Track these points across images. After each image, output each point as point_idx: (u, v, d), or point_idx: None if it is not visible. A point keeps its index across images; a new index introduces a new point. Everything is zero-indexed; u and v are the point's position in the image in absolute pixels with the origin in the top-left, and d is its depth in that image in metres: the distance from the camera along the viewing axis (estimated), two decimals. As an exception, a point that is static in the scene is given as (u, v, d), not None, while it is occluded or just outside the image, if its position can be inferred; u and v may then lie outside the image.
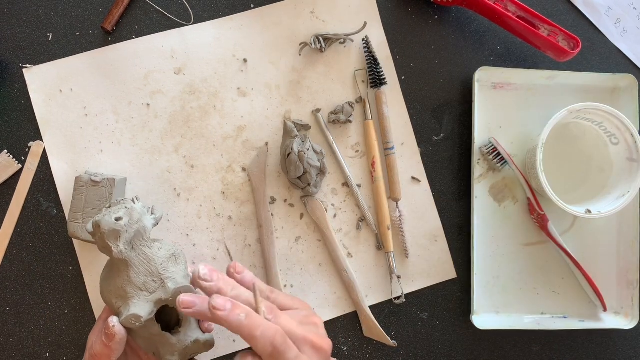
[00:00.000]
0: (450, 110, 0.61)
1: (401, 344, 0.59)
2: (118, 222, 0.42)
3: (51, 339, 0.56)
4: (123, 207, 0.44)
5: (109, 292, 0.44)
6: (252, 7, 0.59)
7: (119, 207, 0.44)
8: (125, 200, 0.45)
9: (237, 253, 0.58)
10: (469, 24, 0.62)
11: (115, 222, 0.42)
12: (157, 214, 0.46)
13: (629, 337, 0.62)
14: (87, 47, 0.58)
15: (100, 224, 0.42)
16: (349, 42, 0.60)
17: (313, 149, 0.56)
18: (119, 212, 0.43)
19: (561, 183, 0.57)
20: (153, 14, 0.59)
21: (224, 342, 0.57)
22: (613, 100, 0.61)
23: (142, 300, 0.43)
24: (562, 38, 0.58)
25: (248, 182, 0.58)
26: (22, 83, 0.57)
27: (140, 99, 0.58)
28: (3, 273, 0.56)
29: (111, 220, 0.42)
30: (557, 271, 0.61)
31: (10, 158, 0.57)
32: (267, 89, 0.59)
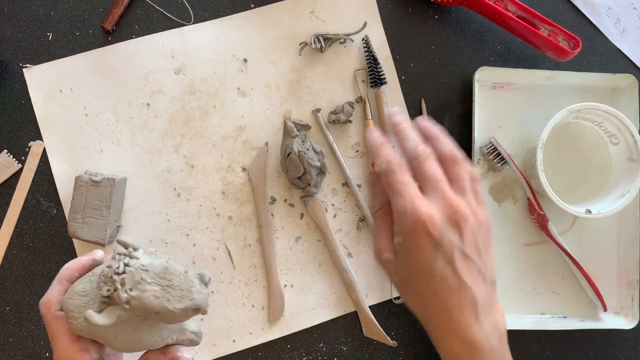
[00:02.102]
0: (450, 110, 0.61)
1: (401, 344, 0.59)
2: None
3: (51, 338, 0.56)
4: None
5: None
6: (252, 7, 0.59)
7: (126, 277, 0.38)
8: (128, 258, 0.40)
9: (237, 253, 0.58)
10: (469, 24, 0.62)
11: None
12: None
13: (629, 337, 0.62)
14: (87, 47, 0.58)
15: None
16: (349, 42, 0.60)
17: (313, 149, 0.56)
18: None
19: (561, 183, 0.57)
20: (153, 13, 0.59)
21: (224, 342, 0.57)
22: (613, 100, 0.61)
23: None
24: (562, 38, 0.58)
25: (248, 182, 0.58)
26: (22, 83, 0.57)
27: (140, 98, 0.58)
28: (3, 273, 0.56)
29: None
30: (557, 271, 0.61)
31: (10, 158, 0.57)
32: (267, 89, 0.59)
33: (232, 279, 0.58)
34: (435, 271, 0.41)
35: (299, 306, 0.58)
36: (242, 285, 0.58)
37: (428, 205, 0.41)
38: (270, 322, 0.58)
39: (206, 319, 0.57)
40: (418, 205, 0.41)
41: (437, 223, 0.41)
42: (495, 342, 0.42)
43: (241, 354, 0.58)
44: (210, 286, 0.57)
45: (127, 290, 0.37)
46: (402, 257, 0.43)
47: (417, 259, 0.41)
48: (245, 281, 0.58)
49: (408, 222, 0.41)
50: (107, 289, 0.37)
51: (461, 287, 0.42)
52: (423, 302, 0.43)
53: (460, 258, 0.42)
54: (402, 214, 0.41)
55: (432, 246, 0.41)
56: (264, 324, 0.58)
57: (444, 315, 0.42)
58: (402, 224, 0.42)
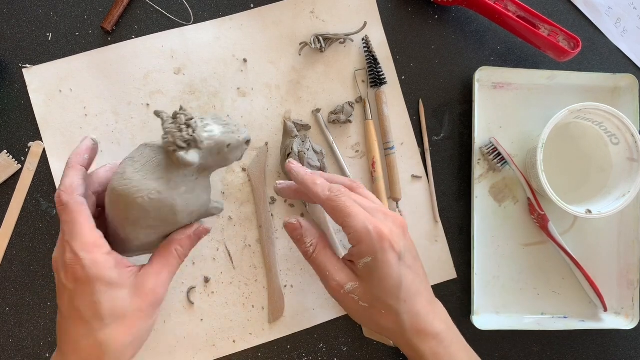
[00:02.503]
0: (450, 110, 0.61)
1: (401, 344, 0.59)
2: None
3: (51, 339, 0.56)
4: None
5: None
6: (252, 7, 0.59)
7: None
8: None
9: (237, 253, 0.58)
10: (469, 24, 0.62)
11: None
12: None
13: (629, 338, 0.62)
14: (86, 47, 0.58)
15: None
16: (349, 42, 0.60)
17: (313, 149, 0.56)
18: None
19: (561, 183, 0.57)
20: (153, 14, 0.59)
21: (224, 342, 0.57)
22: (613, 100, 0.61)
23: None
24: (563, 38, 0.58)
25: (248, 182, 0.58)
26: (21, 83, 0.57)
27: (140, 99, 0.58)
28: (3, 273, 0.56)
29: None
30: (557, 271, 0.61)
31: (10, 158, 0.56)
32: (267, 89, 0.59)
33: (232, 279, 0.58)
34: (402, 280, 0.44)
35: (299, 306, 0.58)
36: (242, 286, 0.58)
37: (383, 221, 0.44)
38: (270, 323, 0.58)
39: (206, 320, 0.57)
40: (377, 223, 0.44)
41: (397, 236, 0.44)
42: (450, 324, 0.48)
43: (241, 355, 0.58)
44: (210, 287, 0.57)
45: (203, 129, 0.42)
46: (369, 278, 0.44)
47: (388, 274, 0.44)
48: (245, 281, 0.58)
49: (373, 240, 0.43)
50: (187, 133, 0.41)
51: (421, 288, 0.46)
52: (396, 315, 0.45)
53: (413, 262, 0.46)
54: (364, 234, 0.43)
55: (397, 257, 0.44)
56: (264, 325, 0.58)
57: (414, 319, 0.45)
58: (367, 244, 0.43)
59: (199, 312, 0.57)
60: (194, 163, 0.41)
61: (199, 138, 0.41)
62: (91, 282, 0.41)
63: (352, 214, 0.44)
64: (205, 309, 0.57)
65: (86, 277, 0.41)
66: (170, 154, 0.41)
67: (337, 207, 0.44)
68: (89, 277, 0.41)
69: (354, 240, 0.44)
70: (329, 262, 0.46)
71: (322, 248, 0.47)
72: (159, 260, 0.45)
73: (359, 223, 0.43)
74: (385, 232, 0.43)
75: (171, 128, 0.41)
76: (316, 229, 0.48)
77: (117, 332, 0.42)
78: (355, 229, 0.43)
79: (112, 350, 0.42)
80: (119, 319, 0.42)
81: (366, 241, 0.43)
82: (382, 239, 0.43)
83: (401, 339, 0.46)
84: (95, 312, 0.41)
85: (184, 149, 0.41)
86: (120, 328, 0.42)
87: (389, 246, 0.43)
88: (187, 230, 0.46)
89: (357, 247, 0.44)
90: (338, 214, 0.44)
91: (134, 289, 0.43)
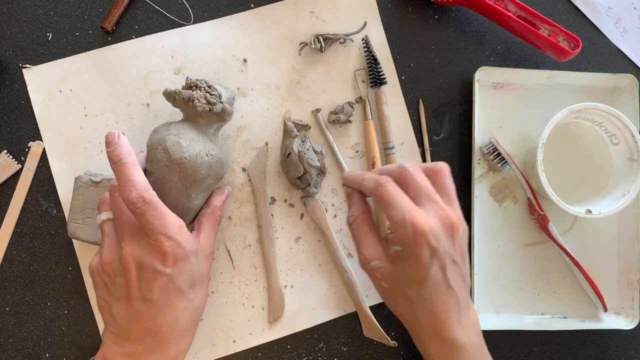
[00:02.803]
0: (450, 110, 0.61)
1: (401, 345, 0.59)
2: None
3: (51, 339, 0.56)
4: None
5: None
6: (251, 7, 0.59)
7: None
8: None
9: (237, 253, 0.58)
10: (469, 24, 0.62)
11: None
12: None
13: (629, 338, 0.62)
14: (86, 47, 0.58)
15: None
16: (349, 42, 0.60)
17: (313, 149, 0.56)
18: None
19: (561, 183, 0.57)
20: (153, 14, 0.59)
21: (224, 342, 0.57)
22: (613, 100, 0.61)
23: None
24: (563, 38, 0.58)
25: (248, 182, 0.58)
26: (21, 83, 0.57)
27: (140, 99, 0.58)
28: (3, 273, 0.56)
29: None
30: (557, 271, 0.61)
31: (9, 158, 0.56)
32: (267, 89, 0.59)
33: (232, 279, 0.58)
34: (428, 278, 0.44)
35: (299, 306, 0.58)
36: (242, 286, 0.58)
37: (426, 216, 0.44)
38: (270, 323, 0.58)
39: (206, 320, 0.57)
40: (416, 216, 0.43)
41: (437, 234, 0.43)
42: (474, 338, 0.46)
43: (241, 355, 0.58)
44: (210, 286, 0.57)
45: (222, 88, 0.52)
46: (396, 265, 0.45)
47: (414, 266, 0.44)
48: (245, 281, 0.58)
49: (407, 232, 0.43)
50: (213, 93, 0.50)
51: (449, 292, 0.45)
52: (413, 307, 0.45)
53: (451, 265, 0.45)
54: (400, 225, 0.44)
55: (430, 255, 0.44)
56: (264, 324, 0.58)
57: (432, 319, 0.45)
58: (401, 234, 0.44)
59: (199, 312, 0.57)
60: (232, 111, 0.51)
61: (221, 94, 0.50)
62: (189, 258, 0.46)
63: (393, 204, 0.45)
64: (205, 308, 0.57)
65: (185, 255, 0.45)
66: (203, 115, 0.50)
67: (381, 198, 0.46)
68: (187, 254, 0.45)
69: (393, 227, 0.45)
70: (364, 236, 0.48)
71: (361, 221, 0.49)
72: (208, 227, 0.51)
73: (397, 214, 0.44)
74: (423, 227, 0.43)
75: (198, 94, 0.49)
76: (363, 203, 0.51)
77: (201, 294, 0.49)
78: (393, 219, 0.44)
79: (200, 312, 0.49)
80: (202, 283, 0.49)
81: (401, 231, 0.44)
82: (417, 232, 0.43)
83: (414, 333, 0.47)
84: (191, 283, 0.47)
85: (216, 105, 0.49)
86: (203, 290, 0.49)
87: (424, 241, 0.43)
88: (222, 196, 0.54)
89: (393, 234, 0.45)
90: (383, 205, 0.46)
91: (202, 255, 0.49)
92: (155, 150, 0.49)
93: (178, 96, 0.50)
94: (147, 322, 0.45)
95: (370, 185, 0.47)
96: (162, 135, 0.49)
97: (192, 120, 0.51)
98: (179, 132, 0.49)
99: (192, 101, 0.49)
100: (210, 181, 0.51)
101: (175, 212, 0.48)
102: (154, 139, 0.50)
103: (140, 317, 0.45)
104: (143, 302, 0.45)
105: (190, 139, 0.49)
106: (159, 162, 0.49)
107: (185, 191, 0.49)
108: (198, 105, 0.49)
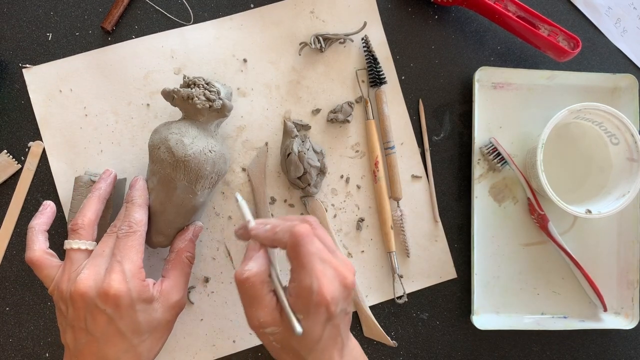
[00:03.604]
0: (450, 110, 0.61)
1: (401, 344, 0.59)
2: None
3: (51, 339, 0.56)
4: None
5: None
6: (251, 7, 0.59)
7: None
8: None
9: (237, 253, 0.58)
10: (469, 24, 0.62)
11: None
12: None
13: (629, 338, 0.62)
14: (86, 47, 0.58)
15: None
16: (349, 42, 0.60)
17: (313, 149, 0.56)
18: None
19: (561, 183, 0.57)
20: (153, 14, 0.59)
21: (224, 342, 0.57)
22: (613, 100, 0.61)
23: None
24: (562, 38, 0.58)
25: (248, 182, 0.58)
26: (21, 83, 0.57)
27: (140, 99, 0.58)
28: (3, 273, 0.56)
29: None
30: (557, 271, 0.61)
31: (9, 158, 0.56)
32: (267, 89, 0.59)
33: (232, 279, 0.58)
34: (322, 338, 0.43)
35: (299, 306, 0.58)
36: (242, 286, 0.58)
37: (330, 283, 0.41)
38: (270, 323, 0.58)
39: (206, 320, 0.57)
40: (323, 285, 0.41)
41: (337, 300, 0.42)
42: None
43: (241, 355, 0.58)
44: (209, 286, 0.57)
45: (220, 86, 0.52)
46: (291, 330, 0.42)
47: (309, 331, 0.42)
48: (245, 281, 0.58)
49: (312, 302, 0.41)
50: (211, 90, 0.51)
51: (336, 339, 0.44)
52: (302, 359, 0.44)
53: (342, 317, 0.44)
54: (307, 291, 0.41)
55: (327, 319, 0.42)
56: (264, 324, 0.58)
57: None
58: (303, 303, 0.41)
59: (199, 312, 0.57)
60: (232, 106, 0.52)
61: (219, 90, 0.51)
62: (133, 305, 0.45)
63: (307, 268, 0.41)
64: (205, 308, 0.57)
65: (129, 302, 0.44)
66: (204, 112, 0.50)
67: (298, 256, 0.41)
68: (132, 301, 0.44)
69: (294, 291, 0.42)
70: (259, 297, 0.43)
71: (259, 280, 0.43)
72: (174, 273, 0.49)
73: (307, 279, 0.41)
74: (327, 296, 0.41)
75: (197, 92, 0.50)
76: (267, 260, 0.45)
77: (152, 343, 0.47)
78: (301, 283, 0.41)
79: (149, 359, 0.47)
80: (154, 332, 0.47)
81: (305, 297, 0.41)
82: (320, 304, 0.41)
83: None
84: (135, 329, 0.45)
85: (216, 101, 0.50)
86: (155, 339, 0.47)
87: (324, 310, 0.41)
88: (186, 235, 0.51)
89: (295, 299, 0.42)
90: (295, 264, 0.42)
91: (163, 303, 0.47)
92: (158, 150, 0.49)
93: (177, 95, 0.50)
94: (91, 354, 0.45)
95: (285, 237, 0.42)
96: (164, 135, 0.49)
97: (192, 118, 0.51)
98: (180, 131, 0.49)
99: (192, 99, 0.49)
100: (214, 177, 0.51)
101: (180, 211, 0.50)
102: (156, 139, 0.50)
103: (85, 348, 0.45)
104: (87, 335, 0.45)
105: (193, 136, 0.49)
106: (163, 162, 0.49)
107: (191, 188, 0.49)
108: (198, 102, 0.49)
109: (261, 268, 0.44)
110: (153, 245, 0.52)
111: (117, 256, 0.46)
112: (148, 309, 0.46)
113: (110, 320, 0.44)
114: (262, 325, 0.43)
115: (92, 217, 0.48)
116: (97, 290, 0.44)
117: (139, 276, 0.46)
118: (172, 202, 0.49)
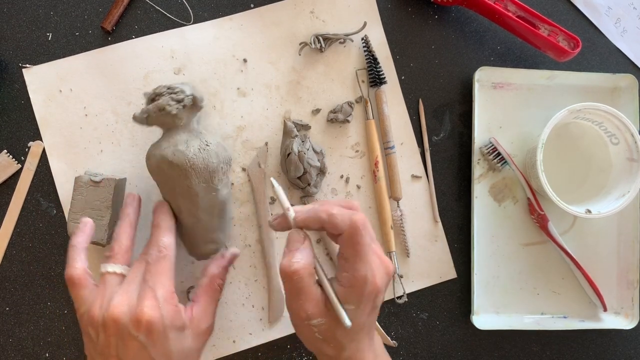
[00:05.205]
0: (450, 110, 0.61)
1: (401, 344, 0.59)
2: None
3: (51, 339, 0.56)
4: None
5: None
6: (251, 7, 0.59)
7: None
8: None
9: (237, 253, 0.58)
10: (469, 24, 0.62)
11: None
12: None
13: (629, 337, 0.62)
14: (86, 47, 0.58)
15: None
16: (349, 42, 0.60)
17: (313, 149, 0.56)
18: None
19: (561, 183, 0.57)
20: (153, 13, 0.59)
21: (224, 342, 0.57)
22: (613, 100, 0.61)
23: None
24: (562, 38, 0.58)
25: (248, 182, 0.58)
26: (21, 83, 0.57)
27: (140, 99, 0.58)
28: (3, 273, 0.56)
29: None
30: (557, 271, 0.61)
31: (9, 158, 0.56)
32: (267, 89, 0.59)
33: (232, 279, 0.58)
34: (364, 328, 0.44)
35: (299, 306, 0.58)
36: (242, 286, 0.58)
37: (382, 273, 0.43)
38: (270, 323, 0.58)
39: (206, 319, 0.57)
40: (376, 275, 0.42)
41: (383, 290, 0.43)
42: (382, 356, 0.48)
43: (241, 355, 0.58)
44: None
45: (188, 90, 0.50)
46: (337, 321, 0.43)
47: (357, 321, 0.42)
48: (245, 281, 0.58)
49: (367, 291, 0.42)
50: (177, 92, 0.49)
51: (371, 328, 0.46)
52: (341, 349, 0.44)
53: (378, 308, 0.45)
54: (362, 282, 0.41)
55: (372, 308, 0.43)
56: (264, 325, 0.58)
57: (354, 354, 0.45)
58: (358, 292, 0.42)
59: (199, 312, 0.57)
60: (203, 96, 0.51)
61: (183, 89, 0.49)
62: (166, 332, 0.44)
63: (364, 258, 0.41)
64: (205, 308, 0.57)
65: (161, 328, 0.43)
66: (180, 115, 0.49)
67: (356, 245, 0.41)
68: (165, 327, 0.43)
69: (347, 281, 0.42)
70: (307, 289, 0.43)
71: (307, 273, 0.43)
72: (205, 299, 0.48)
73: (363, 270, 0.41)
74: (379, 285, 0.41)
75: (164, 100, 0.48)
76: (312, 252, 0.44)
77: None
78: (356, 273, 0.41)
79: None
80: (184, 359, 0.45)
81: (357, 289, 0.41)
82: (371, 293, 0.42)
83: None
84: (167, 357, 0.44)
85: (185, 99, 0.49)
86: None
87: (374, 298, 0.42)
88: (221, 262, 0.50)
89: (347, 289, 0.42)
90: (351, 253, 0.41)
91: (193, 330, 0.46)
92: (162, 172, 0.49)
93: (148, 113, 0.49)
94: None
95: (344, 224, 0.42)
96: (158, 154, 0.49)
97: (172, 127, 0.50)
98: (170, 142, 0.49)
99: (163, 109, 0.48)
100: (224, 167, 0.50)
101: (213, 212, 0.50)
102: (154, 162, 0.49)
103: None
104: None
105: (184, 141, 0.49)
106: (172, 178, 0.48)
107: (210, 187, 0.49)
108: (170, 109, 0.48)
109: (308, 260, 0.43)
110: (205, 256, 0.52)
111: (148, 282, 0.45)
112: (180, 337, 0.45)
113: (142, 347, 0.43)
114: (310, 317, 0.43)
115: (127, 243, 0.48)
116: (130, 317, 0.43)
117: (172, 301, 0.45)
118: (200, 208, 0.49)
